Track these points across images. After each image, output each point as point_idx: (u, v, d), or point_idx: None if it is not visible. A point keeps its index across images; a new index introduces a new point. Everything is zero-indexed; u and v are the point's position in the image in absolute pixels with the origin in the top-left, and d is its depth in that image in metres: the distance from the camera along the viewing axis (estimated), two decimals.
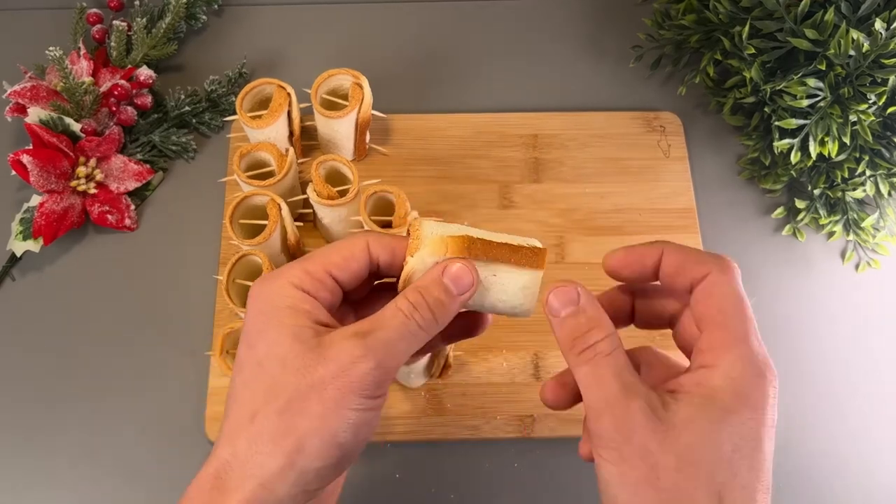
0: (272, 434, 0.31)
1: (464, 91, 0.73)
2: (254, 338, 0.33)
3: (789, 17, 0.58)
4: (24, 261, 0.65)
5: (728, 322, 0.32)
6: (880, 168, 0.62)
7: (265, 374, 0.32)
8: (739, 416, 0.30)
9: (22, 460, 0.58)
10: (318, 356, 0.32)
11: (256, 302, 0.33)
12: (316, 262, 0.34)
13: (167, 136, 0.68)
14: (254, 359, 0.33)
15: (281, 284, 0.33)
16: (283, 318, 0.32)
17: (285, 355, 0.32)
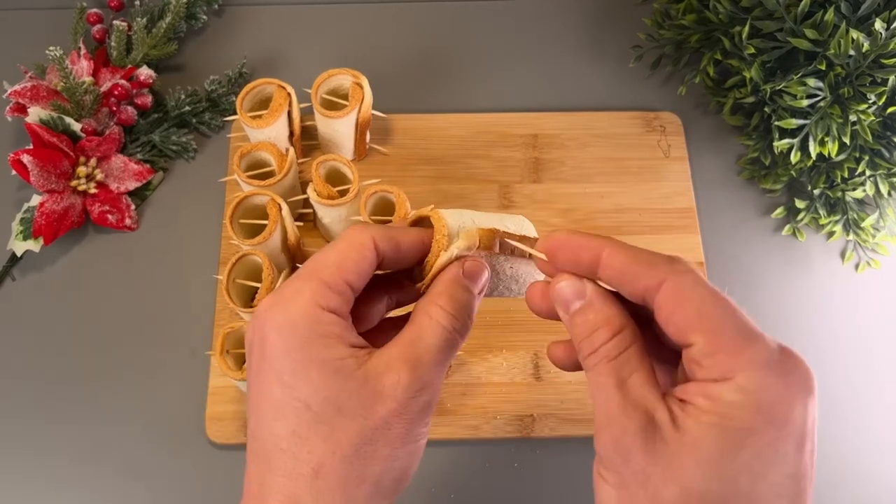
0: (342, 484, 0.29)
1: (464, 91, 0.73)
2: (290, 378, 0.29)
3: (789, 17, 0.58)
4: (25, 260, 0.65)
5: (721, 325, 0.26)
6: (880, 168, 0.62)
7: (321, 421, 0.29)
8: (761, 438, 0.25)
9: (22, 460, 0.58)
10: (374, 393, 0.29)
11: (281, 334, 0.29)
12: (332, 272, 0.30)
13: (167, 135, 0.68)
14: (299, 403, 0.29)
15: (305, 308, 0.29)
16: (322, 351, 0.29)
17: (338, 398, 0.29)
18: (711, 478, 0.25)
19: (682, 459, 0.26)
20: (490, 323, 0.62)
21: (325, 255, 0.31)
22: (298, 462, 0.29)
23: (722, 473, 0.25)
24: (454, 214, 0.34)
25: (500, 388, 0.61)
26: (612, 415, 0.27)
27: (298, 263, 0.62)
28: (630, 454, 0.27)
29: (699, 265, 0.65)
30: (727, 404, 0.25)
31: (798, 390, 0.26)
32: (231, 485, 0.58)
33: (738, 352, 0.26)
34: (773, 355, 0.26)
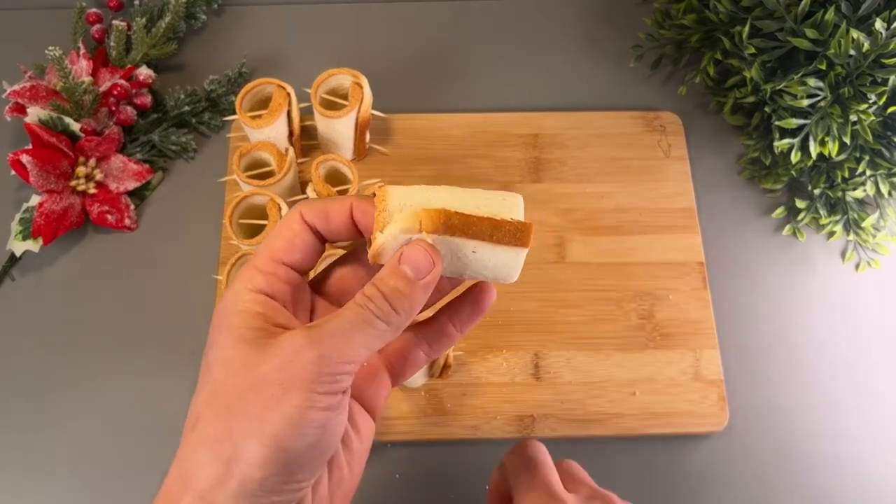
0: (210, 440, 0.29)
1: (464, 91, 0.73)
2: (208, 348, 0.32)
3: (789, 17, 0.58)
4: (24, 261, 0.65)
5: None
6: (880, 168, 0.62)
7: (210, 378, 0.30)
8: None
9: (21, 460, 0.58)
10: (263, 354, 0.29)
11: (215, 313, 0.32)
12: (262, 255, 0.32)
13: (167, 135, 0.68)
14: (204, 366, 0.31)
15: (236, 290, 0.32)
16: (233, 321, 0.31)
17: (228, 356, 0.30)
18: None
19: None
20: (490, 323, 0.62)
21: (265, 240, 0.34)
22: (188, 418, 0.31)
23: None
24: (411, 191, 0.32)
25: (500, 388, 0.61)
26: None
27: None
28: None
29: (699, 265, 0.65)
30: None
31: None
32: None
33: None
34: None
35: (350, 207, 0.33)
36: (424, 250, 0.31)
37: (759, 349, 0.64)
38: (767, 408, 0.62)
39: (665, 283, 0.64)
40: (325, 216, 0.33)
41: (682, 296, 0.64)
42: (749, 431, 0.61)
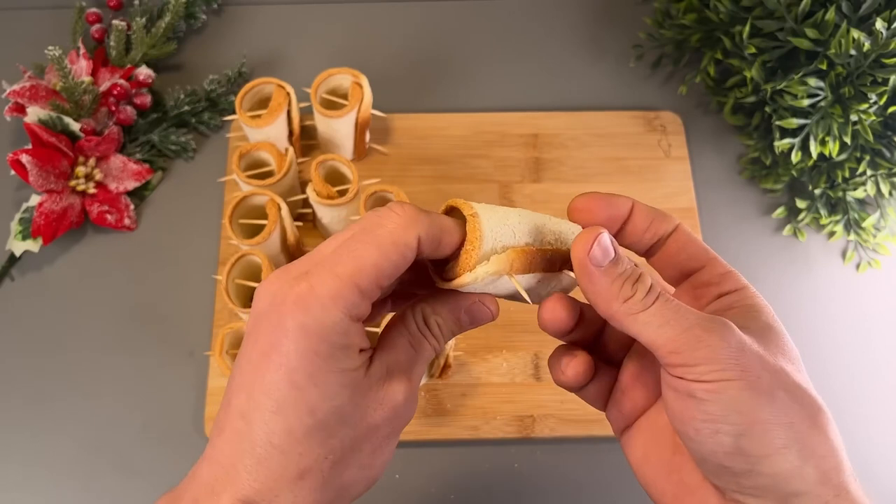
0: (321, 488, 0.29)
1: (464, 91, 0.73)
2: (304, 381, 0.28)
3: (790, 17, 0.58)
4: (24, 261, 0.65)
5: (718, 257, 0.35)
6: (881, 168, 0.62)
7: (321, 428, 0.29)
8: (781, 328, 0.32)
9: (21, 460, 0.58)
10: (375, 403, 0.30)
11: (307, 337, 0.28)
12: (370, 278, 0.28)
13: (166, 135, 0.68)
14: (305, 407, 0.28)
15: (337, 318, 0.28)
16: (342, 362, 0.29)
17: (344, 408, 0.29)
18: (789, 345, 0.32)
19: (768, 337, 0.31)
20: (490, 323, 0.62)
21: (365, 250, 0.28)
22: (287, 460, 0.28)
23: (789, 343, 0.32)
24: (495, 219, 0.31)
25: (500, 388, 0.60)
26: (707, 322, 0.29)
27: None
28: (742, 344, 0.29)
29: None
30: (756, 306, 0.33)
31: None
32: None
33: (738, 276, 0.35)
34: None
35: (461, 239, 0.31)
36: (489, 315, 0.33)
37: None
38: None
39: None
40: (438, 245, 0.30)
41: None
42: None
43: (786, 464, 0.28)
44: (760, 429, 0.28)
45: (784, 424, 0.28)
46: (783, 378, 0.29)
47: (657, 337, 0.29)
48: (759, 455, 0.28)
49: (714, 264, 0.34)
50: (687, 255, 0.34)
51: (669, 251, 0.34)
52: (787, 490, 0.28)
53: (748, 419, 0.28)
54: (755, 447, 0.28)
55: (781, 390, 0.28)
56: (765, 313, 0.32)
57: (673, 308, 0.29)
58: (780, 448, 0.28)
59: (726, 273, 0.34)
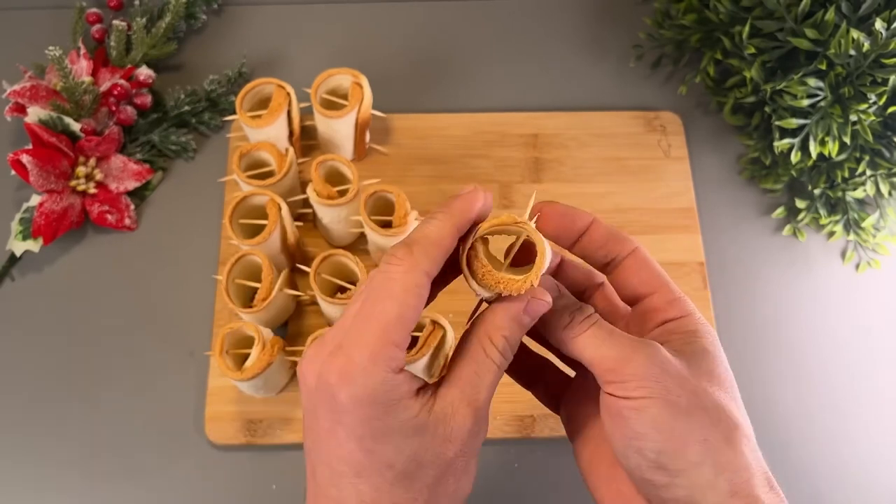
0: None
1: (464, 91, 0.73)
2: (372, 443, 0.30)
3: (790, 17, 0.58)
4: (24, 261, 0.65)
5: (671, 286, 0.35)
6: (881, 168, 0.62)
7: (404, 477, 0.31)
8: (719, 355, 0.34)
9: (21, 460, 0.58)
10: (445, 439, 0.31)
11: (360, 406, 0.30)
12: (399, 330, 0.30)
13: (167, 135, 0.68)
14: (382, 464, 0.31)
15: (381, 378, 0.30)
16: (399, 416, 0.30)
17: (418, 454, 0.31)
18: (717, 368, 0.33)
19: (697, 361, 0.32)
20: None
21: (385, 307, 0.30)
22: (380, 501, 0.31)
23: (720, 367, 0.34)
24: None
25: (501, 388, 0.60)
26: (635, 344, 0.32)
27: (298, 263, 0.62)
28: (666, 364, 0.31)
29: (699, 265, 0.65)
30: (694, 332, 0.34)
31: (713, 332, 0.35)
32: (230, 485, 0.58)
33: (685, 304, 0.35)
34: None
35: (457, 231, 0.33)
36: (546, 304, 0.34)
37: (758, 349, 0.64)
38: (767, 407, 0.62)
39: None
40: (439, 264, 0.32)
41: None
42: None
43: (700, 478, 0.30)
44: (677, 445, 0.30)
45: (699, 441, 0.30)
46: (702, 398, 0.31)
47: (594, 356, 0.32)
48: (676, 469, 0.30)
49: (664, 290, 0.35)
50: (639, 280, 0.35)
51: (625, 273, 0.36)
52: (702, 502, 0.30)
53: (666, 436, 0.30)
54: (673, 462, 0.30)
55: (699, 409, 0.31)
56: (703, 338, 0.34)
57: (607, 331, 0.32)
58: (696, 463, 0.30)
59: (674, 300, 0.35)
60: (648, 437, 0.30)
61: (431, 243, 0.31)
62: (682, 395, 0.31)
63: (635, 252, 0.35)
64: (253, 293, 0.57)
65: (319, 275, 0.56)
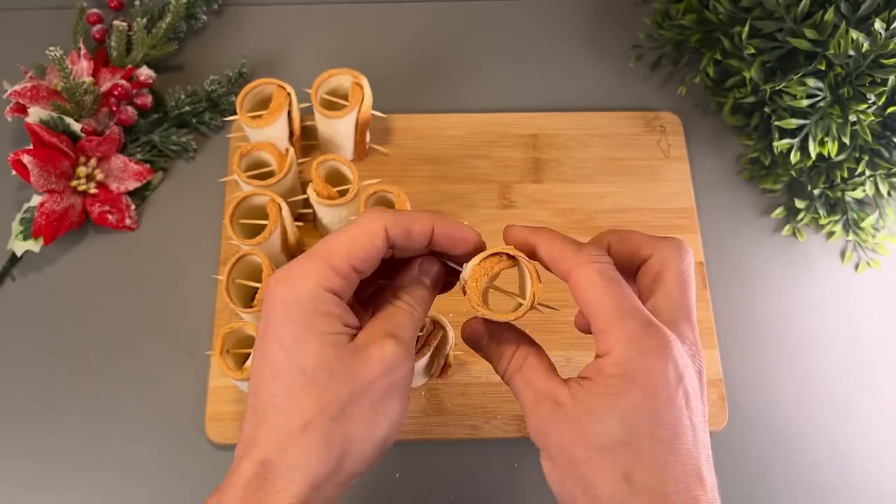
0: (325, 441, 0.32)
1: (464, 91, 0.73)
2: (291, 344, 0.33)
3: (789, 17, 0.58)
4: (25, 261, 0.65)
5: (604, 310, 0.33)
6: (880, 168, 0.62)
7: (313, 383, 0.33)
8: (629, 399, 0.31)
9: (22, 460, 0.58)
10: (363, 361, 0.33)
11: (286, 307, 0.33)
12: (340, 257, 0.33)
13: (167, 135, 0.68)
14: (296, 366, 0.33)
15: (312, 288, 0.33)
16: (321, 326, 0.33)
17: (331, 365, 0.33)
18: (602, 434, 0.31)
19: (584, 423, 0.32)
20: None
21: (337, 238, 0.34)
22: (290, 417, 0.32)
23: (608, 429, 0.31)
24: None
25: (500, 387, 0.60)
26: (530, 407, 0.34)
27: None
28: (549, 433, 0.33)
29: (699, 265, 0.65)
30: (607, 375, 0.32)
31: (656, 361, 0.32)
32: None
33: (613, 331, 0.32)
34: (639, 331, 0.32)
35: (432, 227, 0.36)
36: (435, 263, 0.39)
37: (758, 349, 0.64)
38: (767, 407, 0.62)
39: None
40: (408, 233, 0.35)
41: None
42: (748, 431, 0.61)
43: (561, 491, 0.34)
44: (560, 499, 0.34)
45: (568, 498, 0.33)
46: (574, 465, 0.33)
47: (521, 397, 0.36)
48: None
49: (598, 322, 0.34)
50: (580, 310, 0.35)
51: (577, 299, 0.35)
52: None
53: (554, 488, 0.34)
54: None
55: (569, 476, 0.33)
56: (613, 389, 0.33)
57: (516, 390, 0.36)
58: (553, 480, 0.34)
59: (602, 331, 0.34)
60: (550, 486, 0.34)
61: (405, 214, 0.35)
62: (558, 465, 0.33)
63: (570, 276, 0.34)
64: (253, 293, 0.57)
65: None
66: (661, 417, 0.31)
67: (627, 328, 0.32)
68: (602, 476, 0.31)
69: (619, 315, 0.32)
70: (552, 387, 0.34)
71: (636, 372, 0.31)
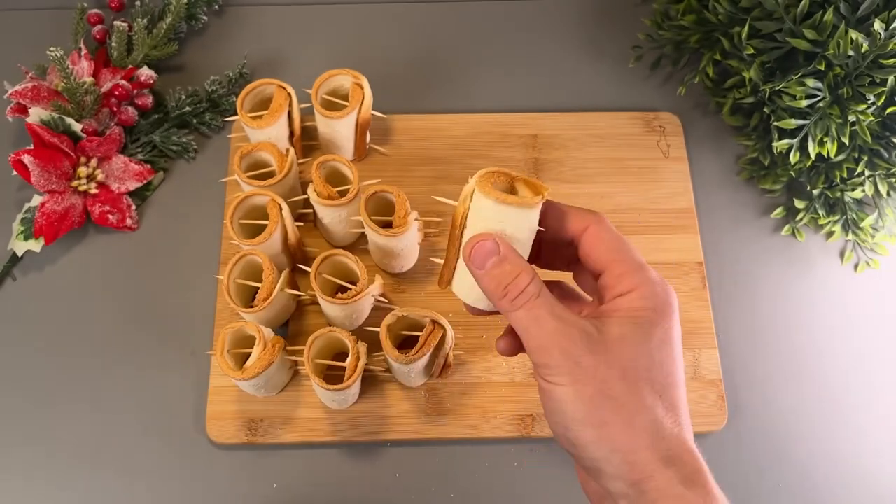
0: None
1: (464, 91, 0.73)
2: None
3: (788, 18, 0.58)
4: (25, 261, 0.65)
5: (625, 258, 0.38)
6: (879, 168, 0.62)
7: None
8: (661, 327, 0.36)
9: (23, 460, 0.58)
10: None
11: None
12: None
13: (168, 136, 0.69)
14: None
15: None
16: None
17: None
18: (638, 356, 0.35)
19: (616, 349, 0.35)
20: (490, 323, 0.62)
21: None
22: None
23: (645, 352, 0.35)
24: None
25: (500, 387, 0.61)
26: (556, 334, 0.35)
27: (298, 263, 0.62)
28: (580, 357, 0.35)
29: (698, 265, 0.65)
30: (637, 308, 0.36)
31: (674, 301, 0.37)
32: (231, 484, 0.58)
33: (636, 273, 0.37)
34: (658, 280, 0.37)
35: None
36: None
37: (757, 349, 0.64)
38: (766, 407, 0.62)
39: None
40: None
41: (681, 296, 0.64)
42: (748, 431, 0.61)
43: (597, 453, 0.35)
44: (578, 426, 0.35)
45: (596, 425, 0.35)
46: (609, 387, 0.35)
47: (524, 335, 0.36)
48: (579, 445, 0.35)
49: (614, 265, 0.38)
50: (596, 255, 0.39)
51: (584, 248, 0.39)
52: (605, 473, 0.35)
53: (570, 417, 0.35)
54: (576, 439, 0.35)
55: (602, 397, 0.35)
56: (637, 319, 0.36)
57: (534, 316, 0.36)
58: (591, 441, 0.35)
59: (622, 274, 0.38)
60: (559, 414, 0.35)
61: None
62: (589, 385, 0.35)
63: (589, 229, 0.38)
64: (254, 293, 0.57)
65: (320, 275, 0.57)
66: (677, 342, 0.37)
67: (648, 273, 0.37)
68: (642, 390, 0.35)
69: (639, 264, 0.37)
70: (575, 318, 0.36)
71: (664, 306, 0.36)
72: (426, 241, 0.64)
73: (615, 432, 0.34)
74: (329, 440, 0.59)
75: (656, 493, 0.34)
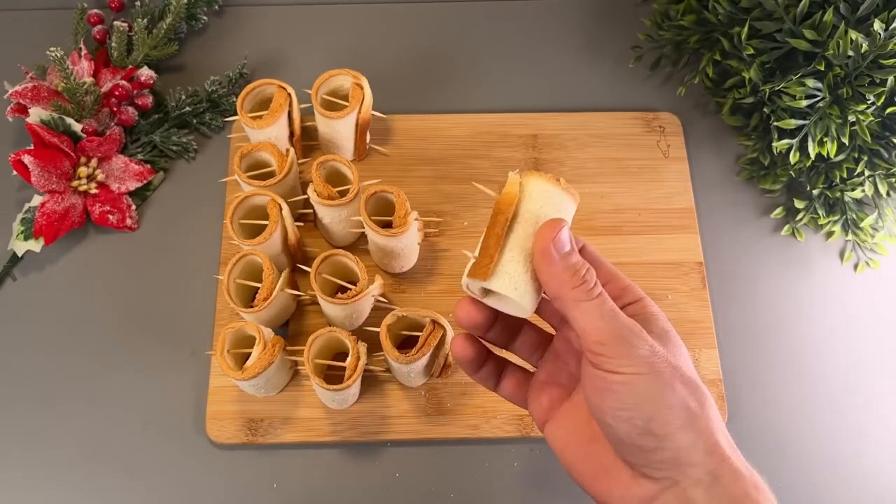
0: None
1: (464, 91, 0.73)
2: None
3: (788, 18, 0.58)
4: (26, 261, 0.65)
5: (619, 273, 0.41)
6: (879, 168, 0.62)
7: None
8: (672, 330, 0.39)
9: (23, 460, 0.58)
10: None
11: None
12: None
13: (168, 136, 0.69)
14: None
15: None
16: None
17: None
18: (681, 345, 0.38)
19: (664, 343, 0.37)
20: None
21: None
22: None
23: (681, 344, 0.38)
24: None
25: None
26: (632, 326, 0.35)
27: (298, 263, 0.62)
28: (654, 346, 0.35)
29: (698, 265, 0.65)
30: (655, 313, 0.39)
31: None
32: (231, 484, 0.58)
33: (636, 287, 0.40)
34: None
35: None
36: None
37: (757, 349, 0.64)
38: (766, 407, 0.62)
39: (664, 283, 0.64)
40: None
41: (681, 296, 0.64)
42: (748, 431, 0.61)
43: (683, 440, 0.34)
44: (664, 413, 0.34)
45: (683, 409, 0.34)
46: (679, 372, 0.35)
47: (591, 326, 0.35)
48: (663, 434, 0.34)
49: (616, 280, 0.40)
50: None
51: None
52: (684, 461, 0.34)
53: (655, 406, 0.34)
54: (660, 428, 0.34)
55: (678, 382, 0.35)
56: (661, 320, 0.38)
57: (609, 308, 0.35)
58: (679, 427, 0.34)
59: (626, 287, 0.40)
60: (638, 407, 0.34)
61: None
62: (666, 370, 0.35)
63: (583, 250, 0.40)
64: (254, 293, 0.57)
65: (320, 275, 0.57)
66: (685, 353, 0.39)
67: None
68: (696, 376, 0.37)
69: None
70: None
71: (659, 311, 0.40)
72: (426, 241, 0.65)
73: (697, 415, 0.34)
74: (329, 440, 0.59)
75: (733, 474, 0.34)
